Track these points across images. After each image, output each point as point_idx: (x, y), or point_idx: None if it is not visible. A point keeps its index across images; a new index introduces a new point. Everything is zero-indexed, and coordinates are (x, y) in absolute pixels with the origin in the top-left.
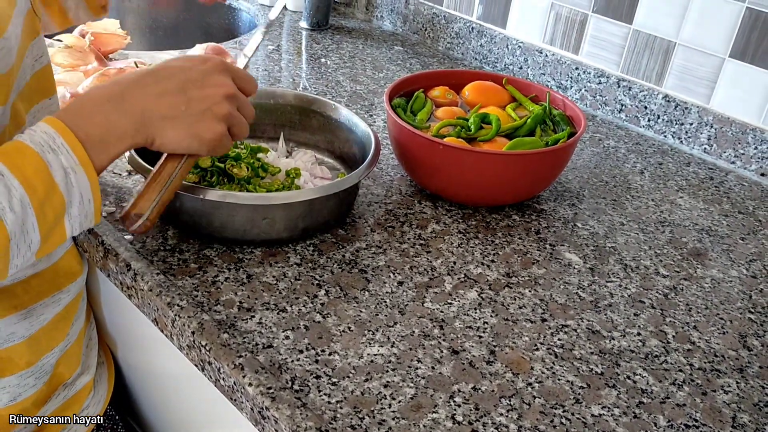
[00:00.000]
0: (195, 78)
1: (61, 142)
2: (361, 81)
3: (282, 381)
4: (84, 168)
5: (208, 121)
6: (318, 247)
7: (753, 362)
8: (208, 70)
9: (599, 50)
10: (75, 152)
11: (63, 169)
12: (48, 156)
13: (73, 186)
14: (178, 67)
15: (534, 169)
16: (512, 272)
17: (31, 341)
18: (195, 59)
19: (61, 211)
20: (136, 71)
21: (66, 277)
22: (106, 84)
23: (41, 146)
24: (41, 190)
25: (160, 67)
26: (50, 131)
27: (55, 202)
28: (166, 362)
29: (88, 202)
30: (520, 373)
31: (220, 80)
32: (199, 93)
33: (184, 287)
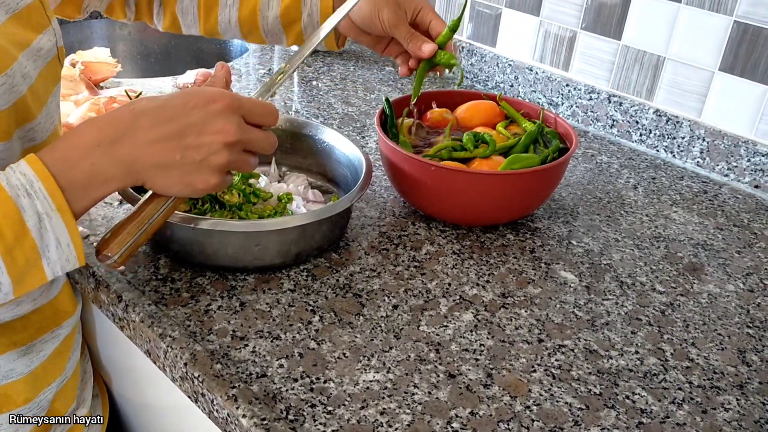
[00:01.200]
0: (195, 123)
1: (39, 187)
2: (353, 103)
3: (276, 411)
4: (60, 214)
5: (203, 172)
6: (311, 272)
7: (753, 378)
8: (211, 113)
9: (589, 66)
10: (53, 199)
11: (37, 215)
12: (22, 201)
13: (47, 231)
14: (180, 108)
15: (527, 188)
16: (508, 292)
17: (29, 377)
18: (201, 98)
19: (33, 256)
20: (138, 106)
21: (65, 312)
22: (101, 121)
23: (17, 189)
24: (10, 235)
25: (161, 105)
26: (30, 174)
27: (26, 247)
28: (161, 394)
29: (67, 246)
30: (518, 396)
31: (223, 126)
32: (197, 140)
33: (176, 317)
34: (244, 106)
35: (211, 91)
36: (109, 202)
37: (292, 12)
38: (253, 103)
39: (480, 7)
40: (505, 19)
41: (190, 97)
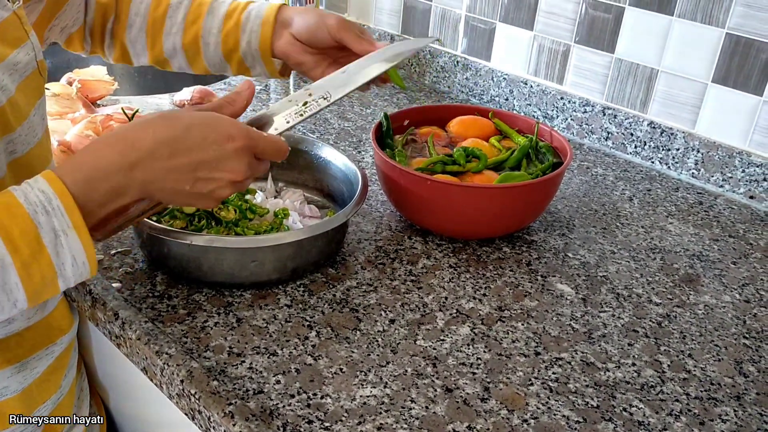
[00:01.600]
0: (210, 160)
1: (58, 204)
2: (349, 118)
3: (273, 428)
4: (77, 231)
5: (206, 200)
6: (308, 287)
7: (750, 389)
8: (227, 152)
9: (583, 80)
10: (70, 216)
11: (53, 231)
12: (40, 218)
13: (63, 248)
14: (198, 142)
15: (523, 201)
16: (504, 306)
17: (23, 395)
18: (220, 134)
19: (50, 273)
20: (158, 133)
21: (59, 329)
22: (121, 144)
23: (35, 206)
24: (26, 252)
25: (180, 136)
26: (48, 191)
27: (43, 264)
28: (159, 411)
29: (82, 263)
30: (515, 409)
31: (235, 166)
32: (208, 175)
33: (173, 334)
34: (258, 146)
35: (229, 128)
36: None
37: (231, 40)
38: (267, 142)
39: (474, 21)
40: (500, 33)
41: (209, 131)
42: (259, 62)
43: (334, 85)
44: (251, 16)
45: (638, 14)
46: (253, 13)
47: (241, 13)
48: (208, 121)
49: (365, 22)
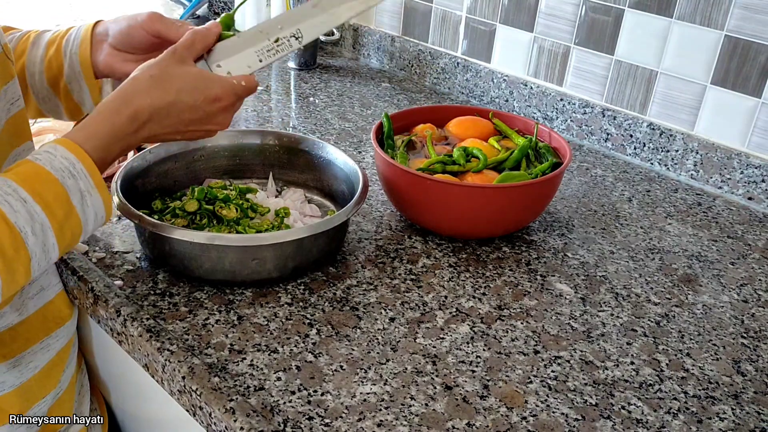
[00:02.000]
0: (201, 118)
1: (81, 168)
2: (350, 118)
3: (274, 424)
4: (99, 190)
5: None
6: (309, 285)
7: (747, 388)
8: (215, 110)
9: (583, 81)
10: (93, 178)
11: (80, 193)
12: (68, 182)
13: (88, 207)
14: (189, 105)
15: (522, 201)
16: (504, 305)
17: (21, 390)
18: (207, 96)
19: (78, 231)
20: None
21: (55, 321)
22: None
23: (61, 172)
24: (60, 214)
25: (173, 100)
26: (71, 157)
27: (73, 224)
28: (160, 408)
29: (101, 218)
30: (515, 407)
31: (221, 120)
32: (200, 128)
33: (174, 331)
34: (241, 97)
35: (216, 90)
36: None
37: (55, 65)
38: (247, 91)
39: (474, 23)
40: (500, 35)
41: (197, 94)
42: (85, 89)
43: (305, 23)
44: (71, 38)
45: (638, 16)
46: (72, 35)
47: (62, 38)
48: (196, 84)
49: (366, 23)
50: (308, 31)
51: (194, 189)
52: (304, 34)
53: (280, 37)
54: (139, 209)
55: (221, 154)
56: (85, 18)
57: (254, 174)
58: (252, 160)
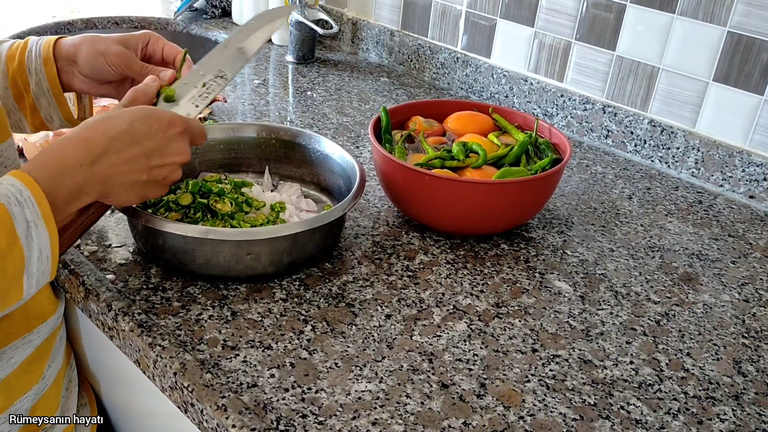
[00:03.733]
0: (160, 146)
1: (29, 195)
2: (348, 113)
3: (267, 421)
4: (45, 222)
5: (159, 187)
6: (304, 281)
7: (748, 388)
8: (170, 137)
9: (584, 77)
10: (40, 207)
11: (26, 222)
12: (14, 209)
13: (33, 240)
14: (145, 133)
15: (521, 197)
16: (502, 302)
17: (1, 385)
18: (162, 122)
19: (20, 267)
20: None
21: (37, 317)
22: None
23: (8, 198)
24: (4, 243)
25: (128, 130)
26: (18, 184)
27: (16, 256)
28: (151, 402)
29: (46, 258)
30: (512, 406)
31: (181, 148)
32: (161, 161)
33: (166, 327)
34: (191, 129)
35: (167, 115)
36: None
37: (20, 81)
38: (196, 125)
39: (475, 18)
40: (500, 29)
41: (151, 121)
42: (54, 106)
43: (224, 63)
44: (32, 55)
45: (640, 12)
46: (33, 52)
47: (23, 53)
48: (146, 113)
49: (365, 17)
50: (228, 67)
51: (188, 182)
52: (226, 71)
53: (205, 81)
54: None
55: (217, 148)
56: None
57: (250, 168)
58: (248, 153)
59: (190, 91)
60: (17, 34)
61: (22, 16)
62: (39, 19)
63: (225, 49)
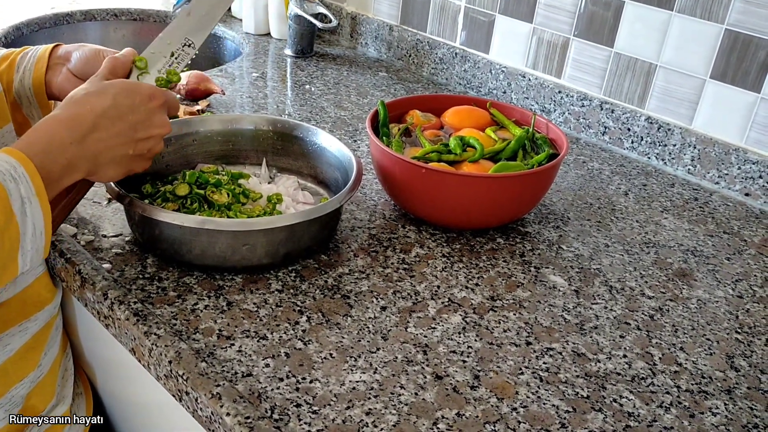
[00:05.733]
0: (143, 119)
1: (23, 171)
2: (346, 107)
3: (261, 410)
4: (39, 198)
5: (145, 160)
6: (300, 272)
7: (741, 383)
8: (152, 110)
9: (581, 74)
10: (33, 183)
11: (21, 199)
12: (9, 185)
13: (27, 216)
14: (129, 107)
15: (517, 192)
16: (497, 295)
17: None
18: (143, 95)
19: (16, 243)
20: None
21: (34, 305)
22: (67, 120)
23: (2, 175)
24: (1, 219)
25: (113, 104)
26: (11, 161)
27: (12, 232)
28: (146, 391)
29: (39, 234)
30: (505, 397)
31: (163, 120)
32: (145, 134)
33: (162, 316)
34: (169, 100)
35: (147, 89)
36: (98, 201)
37: (5, 79)
38: (171, 97)
39: (474, 13)
40: (499, 25)
41: (133, 95)
42: (35, 105)
43: (191, 31)
44: (27, 56)
45: (638, 9)
46: (29, 53)
47: (17, 55)
48: (128, 87)
49: (364, 12)
50: (195, 36)
51: (185, 173)
52: (194, 40)
53: (173, 50)
54: (130, 193)
55: (214, 139)
56: (80, 1)
57: (247, 160)
58: (245, 145)
59: (160, 60)
60: (15, 26)
61: (21, 7)
62: (38, 10)
63: (188, 16)
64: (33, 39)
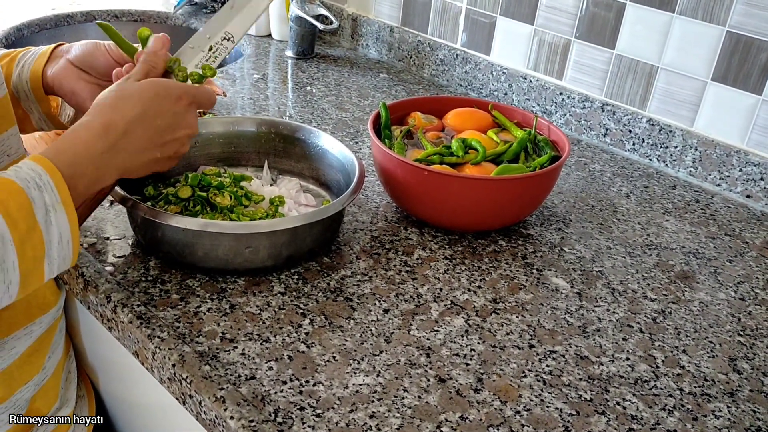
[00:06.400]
0: (171, 123)
1: (48, 179)
2: (347, 108)
3: (264, 413)
4: (65, 206)
5: (172, 161)
6: (302, 275)
7: (743, 386)
8: (179, 111)
9: (583, 75)
10: (59, 192)
11: (45, 207)
12: (33, 193)
13: (52, 225)
14: (157, 111)
15: (519, 194)
16: (499, 298)
17: (3, 375)
18: (171, 98)
19: (41, 252)
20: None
21: (39, 308)
22: (97, 128)
23: (27, 183)
24: (23, 227)
25: (144, 112)
26: (37, 168)
27: (35, 241)
28: (149, 394)
29: (66, 243)
30: (508, 401)
31: (190, 121)
32: (173, 136)
33: (165, 318)
34: (198, 98)
35: (174, 90)
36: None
37: (4, 72)
38: (203, 93)
39: (475, 15)
40: (500, 27)
41: (161, 98)
42: (32, 99)
43: (231, 24)
44: (30, 52)
45: (639, 11)
46: (32, 51)
47: (19, 52)
48: (156, 90)
49: (365, 13)
50: (235, 29)
51: (188, 175)
52: (233, 34)
53: (212, 44)
54: (131, 195)
55: (216, 141)
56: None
57: (249, 162)
58: (247, 147)
59: (197, 55)
60: (16, 26)
61: (22, 8)
62: (38, 11)
63: (231, 10)
64: (34, 40)
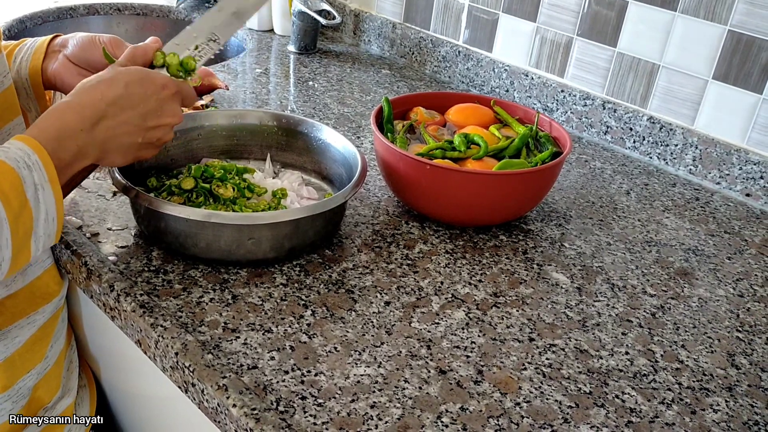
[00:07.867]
0: (154, 108)
1: (36, 159)
2: (349, 103)
3: (267, 402)
4: (51, 185)
5: (153, 149)
6: (304, 267)
7: (741, 381)
8: (164, 99)
9: (584, 73)
10: (46, 170)
11: (34, 186)
12: (23, 172)
13: (40, 202)
14: (141, 96)
15: (521, 189)
16: (500, 292)
17: (5, 364)
18: (156, 85)
19: (29, 228)
20: (106, 94)
21: (42, 297)
22: (78, 106)
23: (17, 162)
24: (16, 204)
25: (124, 93)
26: (25, 148)
27: (26, 218)
28: (151, 384)
29: (52, 220)
30: (508, 392)
31: (174, 109)
32: (156, 122)
33: (168, 308)
34: (183, 91)
35: (160, 78)
36: (102, 194)
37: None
38: (187, 88)
39: (477, 12)
40: (502, 24)
41: (146, 84)
42: (32, 96)
43: (218, 26)
44: (25, 47)
45: (641, 9)
46: (27, 44)
47: (16, 46)
48: (141, 75)
49: (367, 9)
50: (221, 31)
51: (191, 167)
52: (219, 35)
53: (198, 44)
54: (135, 186)
55: (219, 134)
56: None
57: (252, 155)
58: (250, 140)
59: (183, 52)
60: (19, 19)
61: (24, 1)
62: (41, 3)
63: (219, 12)
64: (36, 32)
